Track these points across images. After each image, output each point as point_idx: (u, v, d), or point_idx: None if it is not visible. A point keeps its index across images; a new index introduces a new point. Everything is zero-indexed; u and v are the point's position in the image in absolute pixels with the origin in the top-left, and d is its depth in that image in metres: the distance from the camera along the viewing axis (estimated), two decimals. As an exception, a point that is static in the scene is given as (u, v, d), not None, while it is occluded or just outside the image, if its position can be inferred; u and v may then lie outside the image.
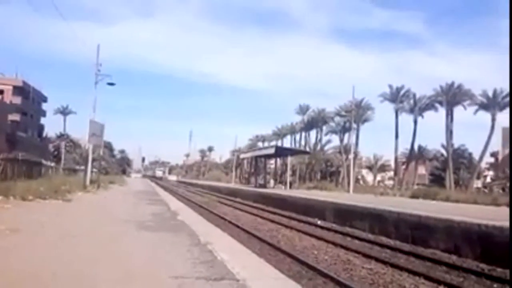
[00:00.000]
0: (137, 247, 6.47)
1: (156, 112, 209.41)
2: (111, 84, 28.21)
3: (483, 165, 64.08)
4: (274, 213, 19.56)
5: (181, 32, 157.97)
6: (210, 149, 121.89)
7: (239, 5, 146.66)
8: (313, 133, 74.46)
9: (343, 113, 61.94)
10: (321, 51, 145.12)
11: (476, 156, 58.33)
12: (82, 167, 34.35)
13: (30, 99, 65.27)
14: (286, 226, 14.74)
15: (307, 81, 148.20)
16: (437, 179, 61.62)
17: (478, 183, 61.78)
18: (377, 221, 13.65)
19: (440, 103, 55.97)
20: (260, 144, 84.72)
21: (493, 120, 51.44)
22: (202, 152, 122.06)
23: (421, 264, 9.10)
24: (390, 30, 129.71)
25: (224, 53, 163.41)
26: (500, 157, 66.16)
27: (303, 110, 76.04)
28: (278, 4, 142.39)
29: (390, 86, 60.29)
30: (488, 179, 67.82)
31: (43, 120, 73.50)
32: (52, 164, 35.21)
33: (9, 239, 6.62)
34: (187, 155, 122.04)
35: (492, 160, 68.23)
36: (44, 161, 31.39)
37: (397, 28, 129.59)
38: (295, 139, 79.14)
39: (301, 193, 27.64)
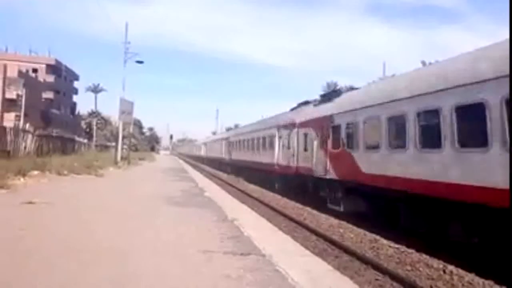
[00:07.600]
0: (166, 222, 6.64)
1: (184, 90, 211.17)
2: (139, 62, 28.71)
3: None
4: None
5: (210, 11, 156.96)
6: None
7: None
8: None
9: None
10: (352, 28, 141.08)
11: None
12: (113, 144, 35.37)
13: (63, 78, 67.04)
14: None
15: (336, 59, 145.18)
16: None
17: None
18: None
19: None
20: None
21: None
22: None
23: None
24: (425, 4, 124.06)
25: (252, 32, 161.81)
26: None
27: (330, 87, 74.72)
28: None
29: (423, 62, 58.12)
30: None
31: (75, 98, 75.68)
32: (85, 141, 36.41)
33: (44, 212, 6.94)
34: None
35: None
36: (77, 138, 32.52)
37: (433, 2, 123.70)
38: (322, 117, 78.20)
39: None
